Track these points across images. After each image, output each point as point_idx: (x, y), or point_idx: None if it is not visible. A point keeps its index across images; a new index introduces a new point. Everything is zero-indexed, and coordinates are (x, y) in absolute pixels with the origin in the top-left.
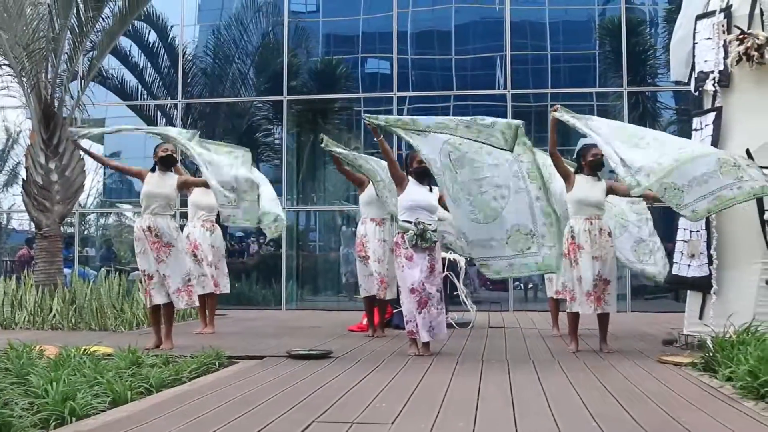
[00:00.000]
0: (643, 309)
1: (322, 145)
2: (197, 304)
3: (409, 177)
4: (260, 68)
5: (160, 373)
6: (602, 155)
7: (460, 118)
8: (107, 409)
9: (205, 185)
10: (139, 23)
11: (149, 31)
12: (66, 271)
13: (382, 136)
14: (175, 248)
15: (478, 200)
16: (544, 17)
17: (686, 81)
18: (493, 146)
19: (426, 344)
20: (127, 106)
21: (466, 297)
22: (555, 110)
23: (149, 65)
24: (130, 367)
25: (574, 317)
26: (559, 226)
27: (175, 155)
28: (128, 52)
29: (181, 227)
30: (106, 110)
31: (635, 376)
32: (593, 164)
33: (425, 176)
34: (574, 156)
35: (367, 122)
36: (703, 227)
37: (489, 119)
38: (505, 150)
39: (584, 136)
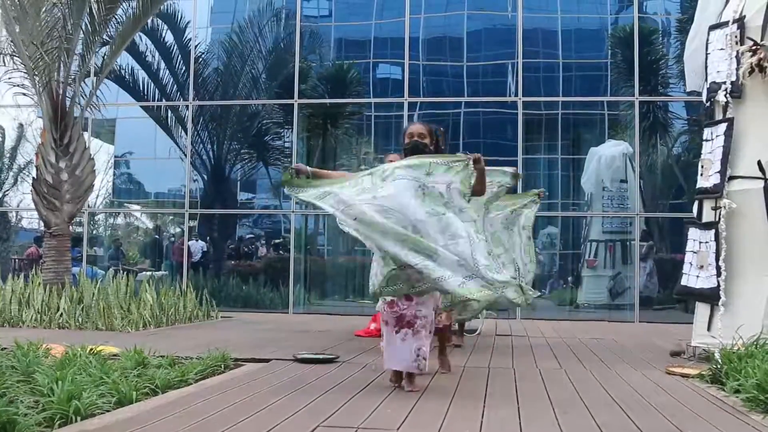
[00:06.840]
0: (651, 320)
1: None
2: None
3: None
4: (272, 71)
5: (166, 375)
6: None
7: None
8: (112, 409)
9: None
10: (154, 23)
11: (164, 32)
12: (74, 270)
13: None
14: None
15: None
16: (556, 25)
17: (701, 92)
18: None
19: (399, 374)
20: (140, 106)
21: None
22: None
23: (162, 66)
24: (136, 368)
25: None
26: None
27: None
28: (142, 52)
29: None
30: (117, 110)
31: (642, 386)
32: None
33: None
34: None
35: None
36: (713, 238)
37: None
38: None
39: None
